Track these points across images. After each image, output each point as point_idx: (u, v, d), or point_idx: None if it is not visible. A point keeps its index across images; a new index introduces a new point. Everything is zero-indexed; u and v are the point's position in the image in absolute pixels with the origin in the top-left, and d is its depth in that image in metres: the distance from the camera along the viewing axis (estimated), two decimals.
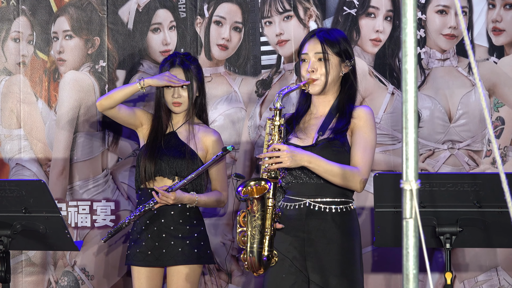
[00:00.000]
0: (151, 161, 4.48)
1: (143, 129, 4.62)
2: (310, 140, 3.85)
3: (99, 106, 4.53)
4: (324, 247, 3.76)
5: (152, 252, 4.46)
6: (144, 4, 5.16)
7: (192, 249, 4.44)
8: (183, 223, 4.46)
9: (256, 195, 3.66)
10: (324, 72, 3.85)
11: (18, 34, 5.22)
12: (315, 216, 3.79)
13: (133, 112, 4.62)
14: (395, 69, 4.94)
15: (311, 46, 3.88)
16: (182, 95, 4.52)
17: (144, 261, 4.47)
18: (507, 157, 4.86)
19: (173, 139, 4.56)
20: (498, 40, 4.86)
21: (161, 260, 4.45)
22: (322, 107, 3.93)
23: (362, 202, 4.87)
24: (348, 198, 3.83)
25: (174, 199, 4.38)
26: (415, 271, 2.24)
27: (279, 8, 5.04)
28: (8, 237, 4.17)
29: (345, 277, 3.75)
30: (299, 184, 3.83)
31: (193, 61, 4.59)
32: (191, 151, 4.51)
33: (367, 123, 3.85)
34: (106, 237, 4.52)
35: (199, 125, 4.60)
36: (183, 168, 4.48)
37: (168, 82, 4.47)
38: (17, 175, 5.20)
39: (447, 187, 3.70)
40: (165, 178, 4.49)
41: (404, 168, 2.24)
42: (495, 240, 3.86)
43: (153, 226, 4.47)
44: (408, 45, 2.24)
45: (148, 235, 4.47)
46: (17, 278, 5.19)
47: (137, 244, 4.49)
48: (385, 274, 4.93)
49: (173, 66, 4.53)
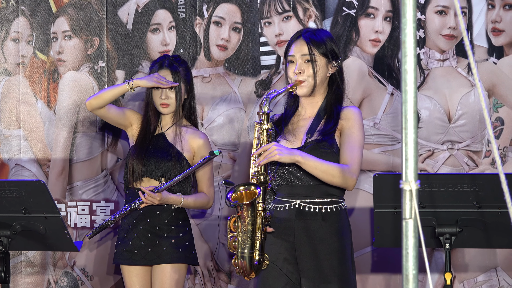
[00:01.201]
0: (138, 161, 4.55)
1: (133, 129, 4.67)
2: (298, 142, 3.84)
3: (88, 106, 4.58)
4: (314, 248, 3.76)
5: (138, 251, 4.52)
6: (144, 4, 5.16)
7: (176, 248, 4.50)
8: (169, 223, 4.53)
9: (246, 200, 3.66)
10: (312, 74, 3.84)
11: (18, 35, 5.22)
12: (304, 217, 3.78)
13: (123, 112, 4.67)
14: (394, 70, 4.94)
15: (297, 48, 3.86)
16: (170, 97, 4.58)
17: (130, 259, 4.54)
18: (507, 158, 4.86)
19: (161, 140, 4.61)
20: (498, 41, 4.86)
21: (147, 259, 4.51)
22: (310, 108, 3.92)
23: (361, 202, 4.87)
24: (338, 198, 3.82)
25: (159, 200, 4.44)
26: (414, 271, 2.24)
27: (278, 8, 5.04)
28: (8, 238, 4.17)
29: (336, 277, 3.74)
30: (289, 186, 3.82)
31: (182, 63, 4.64)
32: (178, 153, 4.57)
33: (355, 123, 3.84)
34: (91, 233, 4.60)
35: (187, 127, 4.66)
36: (169, 170, 4.54)
37: (157, 83, 4.53)
38: (17, 176, 5.20)
39: (447, 187, 3.70)
40: (152, 179, 4.55)
41: (404, 168, 2.24)
42: (494, 241, 3.86)
43: (139, 225, 4.53)
44: (407, 46, 2.24)
45: (134, 234, 4.53)
46: (17, 279, 5.19)
47: (123, 243, 4.56)
48: (384, 275, 4.93)
49: (162, 68, 4.60)
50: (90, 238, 4.70)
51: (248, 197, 3.67)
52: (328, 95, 3.90)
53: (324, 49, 3.85)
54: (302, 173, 3.79)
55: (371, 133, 4.92)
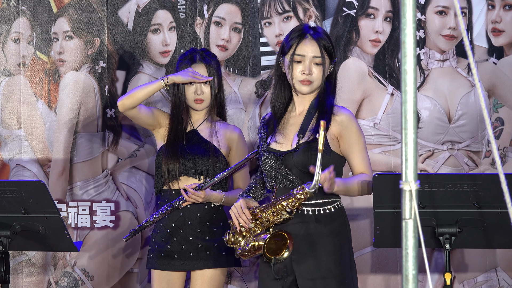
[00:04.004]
0: (174, 160, 4.35)
1: (161, 129, 4.48)
2: (289, 144, 3.81)
3: (120, 106, 4.37)
4: (310, 249, 3.75)
5: (178, 256, 4.34)
6: (144, 4, 5.16)
7: (220, 252, 4.33)
8: (210, 225, 4.36)
9: (257, 253, 3.76)
10: (320, 76, 3.83)
11: (18, 35, 5.23)
12: (299, 219, 3.76)
13: (151, 112, 4.47)
14: (394, 70, 4.94)
15: (308, 48, 3.81)
16: (205, 92, 4.40)
17: (169, 265, 4.35)
18: (507, 158, 4.86)
19: (195, 137, 4.43)
20: (498, 41, 4.87)
21: (188, 264, 4.34)
22: (301, 105, 3.88)
23: (361, 202, 4.87)
24: (334, 197, 3.81)
25: (203, 198, 4.28)
26: (414, 271, 2.24)
27: (278, 9, 5.04)
28: (8, 238, 4.16)
29: (334, 278, 3.74)
30: (283, 188, 3.79)
31: (213, 56, 4.48)
32: (215, 149, 4.39)
33: (354, 128, 3.82)
34: (129, 235, 4.44)
35: (220, 122, 4.49)
36: (209, 166, 4.36)
37: (193, 78, 4.34)
38: (17, 176, 5.21)
39: (447, 187, 3.70)
40: (190, 178, 4.37)
41: (404, 168, 2.24)
42: (494, 241, 3.86)
43: (180, 229, 4.34)
44: (407, 46, 2.24)
45: (174, 238, 4.34)
46: (17, 279, 5.19)
47: (161, 248, 4.36)
48: (384, 275, 4.93)
49: (194, 62, 4.41)
50: (127, 240, 4.51)
51: (258, 251, 3.77)
52: (320, 92, 3.88)
53: (332, 51, 3.85)
54: (297, 176, 3.77)
55: (371, 133, 4.92)
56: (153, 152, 5.08)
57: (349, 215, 3.92)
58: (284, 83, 3.90)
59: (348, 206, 4.74)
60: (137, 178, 5.15)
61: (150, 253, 4.42)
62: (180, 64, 4.46)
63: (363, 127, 4.89)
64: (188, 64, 4.41)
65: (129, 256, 5.12)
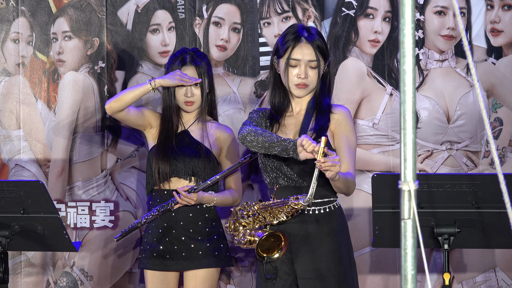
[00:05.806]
0: (165, 161, 4.35)
1: (152, 129, 4.49)
2: None
3: (108, 109, 4.40)
4: (309, 249, 3.76)
5: (170, 256, 4.34)
6: (143, 5, 5.16)
7: (212, 252, 4.34)
8: (202, 225, 4.35)
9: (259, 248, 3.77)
10: (316, 79, 3.85)
11: (18, 35, 5.23)
12: (298, 218, 3.77)
13: (142, 113, 4.48)
14: (393, 70, 4.94)
15: (303, 51, 3.84)
16: (195, 94, 4.40)
17: (161, 265, 4.36)
18: (506, 158, 4.86)
19: (186, 138, 4.43)
20: (497, 41, 4.87)
21: (180, 264, 4.34)
22: (299, 105, 3.92)
23: (360, 202, 4.87)
24: (331, 197, 3.82)
25: (196, 200, 4.26)
26: (413, 272, 2.24)
27: (277, 9, 5.05)
28: (6, 238, 4.17)
29: (333, 277, 3.74)
30: (282, 188, 3.81)
31: (204, 57, 4.47)
32: (206, 150, 4.39)
33: (348, 126, 3.84)
34: (120, 235, 4.46)
35: (211, 122, 4.49)
36: (200, 168, 4.36)
37: (180, 81, 4.33)
38: (17, 176, 5.20)
39: (445, 188, 3.70)
40: (181, 179, 4.37)
41: (402, 169, 2.25)
42: (493, 241, 3.86)
43: (172, 229, 4.35)
44: (406, 46, 2.24)
45: (166, 239, 4.35)
46: (16, 279, 5.19)
47: (153, 248, 4.37)
48: (383, 275, 4.94)
49: (184, 64, 4.41)
50: (118, 240, 4.54)
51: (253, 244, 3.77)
52: (316, 92, 3.90)
53: (326, 53, 3.86)
54: (295, 174, 3.78)
55: (370, 134, 4.92)
56: None
57: (347, 215, 3.93)
58: (279, 82, 3.93)
59: (347, 206, 4.75)
60: (136, 178, 5.15)
61: (142, 253, 4.43)
62: (171, 65, 4.46)
63: (362, 127, 4.90)
64: (178, 65, 4.42)
65: (128, 256, 5.12)
